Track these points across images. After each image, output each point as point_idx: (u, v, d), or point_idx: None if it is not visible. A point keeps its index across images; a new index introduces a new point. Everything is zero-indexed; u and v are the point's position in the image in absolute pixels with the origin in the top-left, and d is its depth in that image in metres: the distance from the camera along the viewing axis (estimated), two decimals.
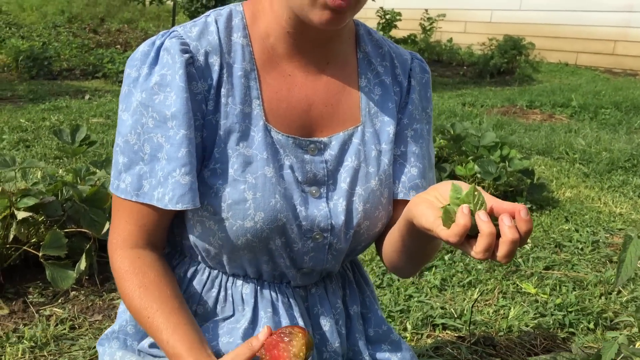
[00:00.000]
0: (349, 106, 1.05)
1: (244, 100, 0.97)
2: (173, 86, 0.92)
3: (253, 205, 0.94)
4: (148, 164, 0.94)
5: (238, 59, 0.98)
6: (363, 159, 1.03)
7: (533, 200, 3.52)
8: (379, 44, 1.11)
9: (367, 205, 1.03)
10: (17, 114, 5.20)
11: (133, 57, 0.96)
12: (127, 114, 0.95)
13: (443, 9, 11.25)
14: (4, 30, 9.76)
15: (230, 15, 1.01)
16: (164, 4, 7.72)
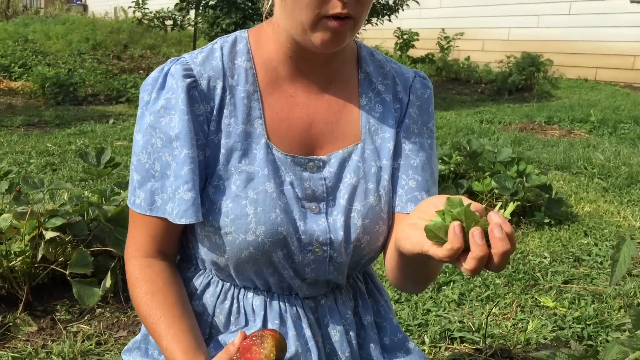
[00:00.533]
0: (349, 124, 1.10)
1: (246, 120, 1.03)
2: (176, 109, 0.99)
3: (254, 219, 0.99)
4: (159, 181, 1.01)
5: (241, 81, 1.04)
6: (362, 175, 1.07)
7: (551, 215, 3.52)
8: (381, 64, 1.16)
9: (366, 221, 1.06)
10: (44, 139, 5.34)
11: (146, 82, 1.04)
12: (139, 134, 1.03)
13: (460, 28, 11.31)
14: (31, 58, 10.02)
15: (235, 41, 1.08)
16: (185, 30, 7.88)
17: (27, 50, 10.97)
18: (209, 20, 7.07)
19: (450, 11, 11.93)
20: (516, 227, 3.46)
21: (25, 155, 4.74)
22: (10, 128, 5.91)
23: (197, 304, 1.11)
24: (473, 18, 11.55)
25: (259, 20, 6.65)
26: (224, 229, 1.00)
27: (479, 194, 3.61)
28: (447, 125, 6.23)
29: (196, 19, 7.44)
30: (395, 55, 11.18)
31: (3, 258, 2.26)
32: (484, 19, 11.40)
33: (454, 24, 11.59)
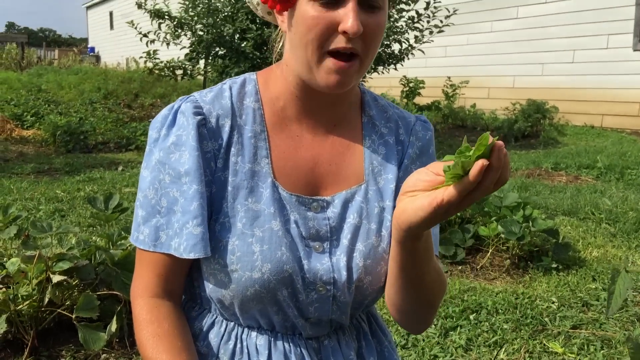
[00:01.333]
0: (353, 166, 1.12)
1: (253, 159, 1.05)
2: (187, 145, 1.01)
3: (260, 257, 1.00)
4: (165, 217, 1.02)
5: (249, 121, 1.07)
6: (365, 216, 1.08)
7: (559, 260, 3.51)
8: (384, 108, 1.19)
9: (368, 261, 1.06)
10: (54, 186, 5.40)
11: (155, 120, 1.07)
12: (147, 171, 1.04)
13: (466, 76, 11.48)
14: (44, 107, 10.22)
15: (244, 82, 1.11)
16: (194, 79, 8.03)
17: (40, 100, 11.19)
18: (218, 70, 7.21)
19: (456, 60, 12.13)
20: (524, 271, 3.45)
21: (35, 202, 4.79)
22: (20, 175, 5.99)
23: (201, 345, 1.11)
24: (478, 66, 11.73)
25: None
26: (230, 266, 1.01)
27: (486, 239, 3.60)
28: None
29: (205, 68, 7.59)
30: (401, 103, 11.32)
31: (10, 302, 2.27)
32: (489, 67, 11.58)
33: (460, 72, 11.77)
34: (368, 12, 0.96)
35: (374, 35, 0.98)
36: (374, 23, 0.97)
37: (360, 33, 0.94)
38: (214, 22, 6.85)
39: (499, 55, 11.41)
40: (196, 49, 7.18)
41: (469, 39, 11.88)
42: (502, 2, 11.27)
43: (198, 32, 7.03)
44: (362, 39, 0.96)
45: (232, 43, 6.94)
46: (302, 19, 0.97)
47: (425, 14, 7.30)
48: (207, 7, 6.99)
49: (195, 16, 7.02)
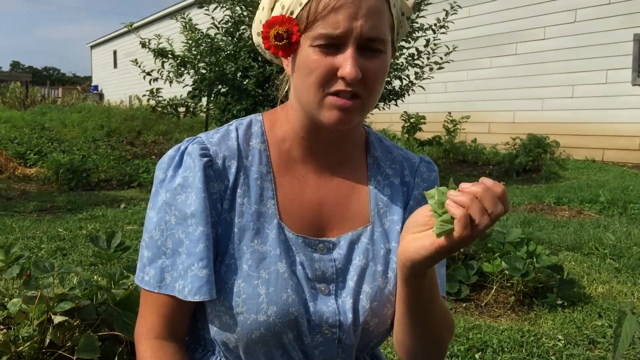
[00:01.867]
0: (358, 207, 1.12)
1: (259, 200, 1.05)
2: (193, 187, 1.01)
3: (266, 299, 1.00)
4: (170, 258, 1.02)
5: (255, 162, 1.07)
6: (371, 257, 1.08)
7: (564, 296, 3.48)
8: (389, 149, 1.20)
9: (375, 304, 1.06)
10: (56, 224, 5.40)
11: (162, 161, 1.07)
12: (153, 211, 1.05)
13: (466, 111, 11.56)
14: (47, 145, 10.28)
15: (250, 124, 1.12)
16: (197, 116, 8.09)
17: (43, 138, 11.26)
18: (220, 107, 7.27)
19: (456, 95, 12.24)
20: (529, 308, 3.41)
21: (37, 241, 4.78)
22: (23, 214, 5.99)
23: None
24: (478, 102, 11.83)
25: (268, 106, 6.83)
26: (236, 308, 1.00)
27: (490, 275, 3.58)
28: None
29: (208, 106, 7.65)
30: (402, 138, 11.37)
31: (11, 343, 2.24)
32: (489, 103, 11.67)
33: (460, 107, 11.86)
34: (368, 57, 0.97)
35: (374, 78, 0.99)
36: (374, 67, 0.98)
37: (358, 79, 0.95)
38: (217, 61, 6.94)
39: (499, 90, 11.52)
40: (199, 86, 7.26)
41: (469, 75, 12.00)
42: (500, 39, 11.42)
43: (201, 70, 7.12)
44: (362, 82, 0.97)
45: (234, 81, 7.01)
46: (304, 63, 0.98)
47: (425, 51, 7.39)
48: (209, 46, 7.09)
49: (198, 55, 7.12)
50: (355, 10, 0.94)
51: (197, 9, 7.74)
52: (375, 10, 0.96)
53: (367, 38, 0.96)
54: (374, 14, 0.96)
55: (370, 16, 0.95)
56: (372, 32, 0.96)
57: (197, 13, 7.79)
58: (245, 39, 7.21)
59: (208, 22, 7.33)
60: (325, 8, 0.94)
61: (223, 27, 7.32)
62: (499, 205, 0.84)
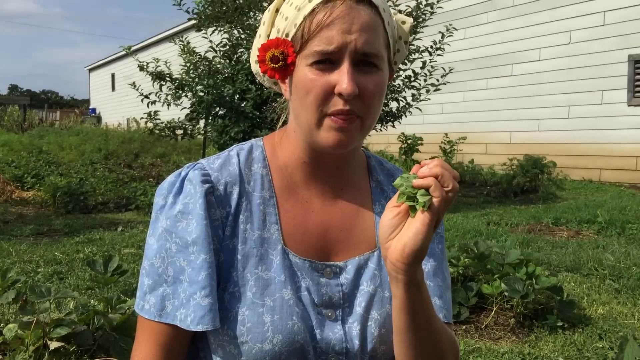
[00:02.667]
0: (364, 231, 1.11)
1: (263, 226, 1.04)
2: (194, 214, 1.00)
3: (271, 327, 0.98)
4: (171, 286, 1.00)
5: (257, 187, 1.06)
6: (379, 283, 1.07)
7: (564, 318, 3.45)
8: (391, 172, 1.19)
9: (383, 330, 1.04)
10: (53, 248, 5.37)
11: (162, 187, 1.06)
12: (153, 238, 1.03)
13: (463, 132, 11.60)
14: (44, 169, 10.27)
15: (252, 149, 1.11)
16: (194, 139, 8.11)
17: (41, 161, 11.25)
18: (218, 129, 7.28)
19: (453, 116, 12.29)
20: (529, 330, 3.39)
21: (33, 264, 4.75)
22: (19, 237, 5.96)
23: None
24: (475, 123, 11.88)
25: (266, 128, 6.85)
26: (240, 338, 0.98)
27: (489, 297, 3.56)
28: (454, 228, 6.23)
29: (205, 128, 7.66)
30: (400, 160, 11.39)
31: None
32: (485, 124, 11.72)
33: (457, 128, 11.90)
34: (364, 73, 0.97)
35: (371, 95, 0.98)
36: (371, 83, 0.97)
37: (355, 94, 0.95)
38: (215, 83, 6.96)
39: (495, 111, 11.57)
40: (196, 109, 7.28)
41: (465, 96, 12.07)
42: (496, 60, 11.50)
43: (199, 92, 7.14)
44: (360, 99, 0.97)
45: (232, 103, 7.03)
46: (301, 83, 0.98)
47: (421, 73, 7.43)
48: (207, 69, 7.12)
49: (196, 77, 7.14)
50: (348, 25, 0.95)
51: (195, 32, 7.79)
52: (368, 26, 0.96)
53: (362, 53, 0.96)
54: (368, 29, 0.96)
55: (364, 31, 0.95)
56: (367, 46, 0.96)
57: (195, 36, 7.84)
58: (242, 61, 7.25)
59: (206, 45, 7.38)
60: (318, 25, 0.95)
61: (221, 50, 7.36)
62: (454, 173, 0.93)
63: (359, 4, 0.96)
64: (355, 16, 0.95)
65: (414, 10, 7.22)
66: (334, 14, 0.94)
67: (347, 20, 0.95)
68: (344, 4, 0.95)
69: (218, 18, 7.33)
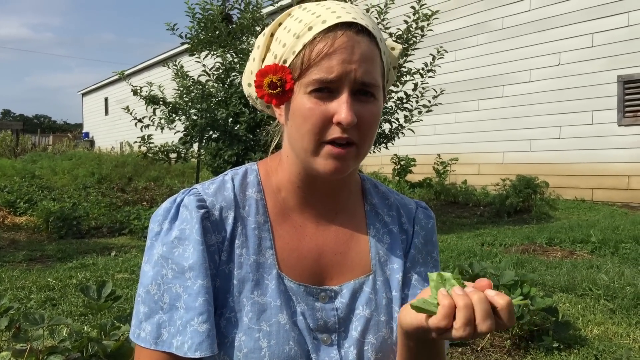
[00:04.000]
0: (358, 255, 1.11)
1: (258, 251, 1.04)
2: (191, 239, 1.00)
3: (268, 353, 0.98)
4: (167, 313, 0.99)
5: (252, 212, 1.07)
6: (374, 307, 1.07)
7: (560, 339, 3.45)
8: (385, 195, 1.20)
9: (380, 355, 1.05)
10: (45, 274, 5.33)
11: (157, 213, 1.06)
12: (148, 265, 1.03)
13: (456, 153, 11.66)
14: (37, 194, 10.22)
15: (246, 173, 1.12)
16: (188, 162, 8.12)
17: (34, 186, 11.21)
18: (211, 152, 7.30)
19: (445, 137, 12.36)
20: (525, 352, 3.38)
21: (26, 291, 4.72)
22: (12, 263, 5.92)
23: None
24: (467, 144, 11.94)
25: (259, 151, 6.87)
26: None
27: None
28: (449, 249, 6.24)
29: (199, 151, 7.68)
30: (393, 181, 11.42)
31: None
32: (478, 144, 11.78)
33: (450, 149, 11.96)
34: (362, 102, 0.98)
35: (368, 124, 1.00)
36: (368, 113, 0.99)
37: (354, 123, 0.96)
38: (208, 107, 7.00)
39: (487, 132, 11.65)
40: (190, 132, 7.30)
41: (457, 117, 12.15)
42: (487, 82, 11.61)
43: (192, 116, 7.17)
44: (357, 128, 0.98)
45: (226, 126, 7.06)
46: (299, 111, 0.99)
47: (413, 94, 7.50)
48: (201, 93, 7.16)
49: (189, 101, 7.18)
50: (348, 55, 0.96)
51: (188, 56, 7.84)
52: (367, 56, 0.98)
53: (361, 83, 0.97)
54: (367, 59, 0.98)
55: (364, 61, 0.97)
56: (366, 77, 0.97)
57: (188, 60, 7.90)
58: (236, 85, 7.29)
59: (199, 69, 7.43)
60: (319, 54, 0.96)
61: (214, 73, 7.41)
62: (487, 322, 0.84)
63: (358, 35, 0.98)
64: (356, 46, 0.97)
65: (404, 33, 7.30)
66: (335, 44, 0.96)
67: (348, 51, 0.96)
68: (345, 35, 0.97)
69: (211, 42, 7.39)
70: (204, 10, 7.25)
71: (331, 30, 0.97)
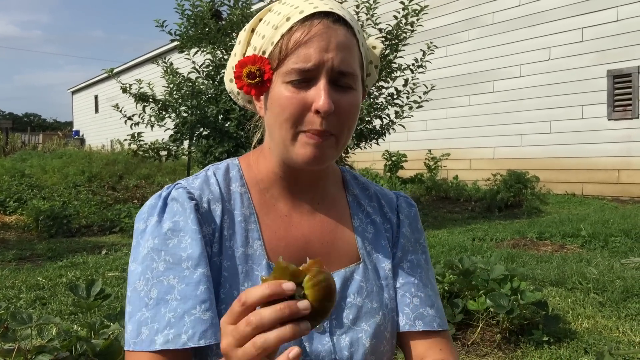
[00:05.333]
0: (345, 244, 1.13)
1: (245, 243, 1.05)
2: (187, 230, 1.00)
3: None
4: (152, 309, 0.96)
5: (237, 205, 1.08)
6: (366, 295, 1.09)
7: (550, 332, 3.46)
8: (365, 186, 1.22)
9: (374, 341, 1.06)
10: (35, 273, 5.31)
11: (141, 212, 1.05)
12: (135, 264, 1.01)
13: (447, 148, 11.68)
14: (27, 192, 10.17)
15: (228, 168, 1.13)
16: (179, 159, 8.09)
17: (23, 185, 11.14)
18: (202, 150, 7.27)
19: (436, 133, 12.38)
20: (515, 346, 3.40)
21: (15, 290, 4.69)
22: (1, 263, 5.89)
23: None
24: (458, 139, 11.97)
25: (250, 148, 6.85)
26: None
27: (475, 313, 3.56)
28: (440, 244, 6.25)
29: (190, 149, 7.66)
30: (385, 177, 11.43)
31: None
32: (469, 140, 11.81)
33: (441, 144, 11.99)
34: (340, 91, 0.99)
35: (347, 113, 1.00)
36: (346, 101, 0.99)
37: (332, 111, 0.96)
38: (198, 104, 6.97)
39: (478, 127, 11.68)
40: (180, 130, 7.27)
41: (448, 113, 12.17)
42: (478, 77, 11.63)
43: (182, 113, 7.14)
44: (335, 117, 0.98)
45: (216, 123, 7.04)
46: (277, 100, 0.99)
47: (404, 90, 7.50)
48: (191, 90, 7.13)
49: (179, 98, 7.15)
50: (326, 43, 0.96)
51: (177, 53, 7.81)
52: (344, 45, 0.98)
53: (339, 71, 0.97)
54: (344, 48, 0.98)
55: (341, 50, 0.97)
56: (343, 65, 0.98)
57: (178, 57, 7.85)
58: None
59: (189, 66, 7.40)
60: (296, 43, 0.97)
61: (204, 70, 7.38)
62: None
63: (335, 24, 0.98)
64: (332, 35, 0.97)
65: (394, 29, 7.30)
66: (312, 32, 0.96)
67: (325, 39, 0.96)
68: (321, 23, 0.97)
69: (201, 39, 7.36)
70: (194, 7, 7.22)
71: (308, 19, 0.97)
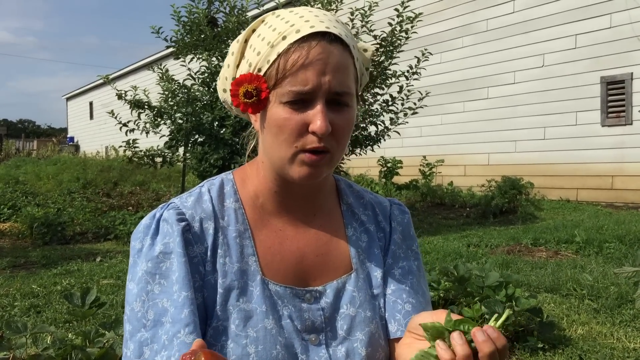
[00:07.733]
0: (339, 255, 1.14)
1: (240, 259, 1.06)
2: (174, 253, 1.01)
3: (256, 358, 0.99)
4: (151, 330, 0.99)
5: (232, 221, 1.08)
6: (359, 304, 1.10)
7: (544, 339, 3.47)
8: (360, 194, 1.23)
9: (369, 349, 1.07)
10: (30, 280, 5.29)
11: (137, 230, 1.07)
12: (133, 283, 1.03)
13: (442, 154, 11.70)
14: (21, 199, 10.14)
15: (222, 184, 1.13)
16: (174, 166, 8.08)
17: (18, 192, 11.11)
18: (197, 156, 7.27)
19: (431, 139, 12.41)
20: (510, 353, 3.40)
21: (10, 298, 4.67)
22: None
23: None
24: (453, 145, 11.99)
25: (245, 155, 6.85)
26: None
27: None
28: (435, 250, 6.26)
29: (185, 155, 7.66)
30: (380, 183, 11.44)
31: None
32: (463, 146, 11.84)
33: (435, 151, 12.01)
34: (336, 111, 1.00)
35: (343, 132, 1.02)
36: (343, 121, 1.01)
37: (328, 132, 0.98)
38: (193, 111, 6.97)
39: (473, 133, 11.70)
40: (175, 136, 7.27)
41: (443, 119, 12.19)
42: (472, 84, 11.67)
43: (177, 120, 7.14)
44: (332, 136, 1.00)
45: (211, 130, 7.04)
46: (275, 121, 1.01)
47: (399, 97, 7.52)
48: (186, 96, 7.14)
49: (174, 105, 7.15)
50: (323, 66, 0.97)
51: (173, 60, 7.81)
52: (341, 66, 0.99)
53: (335, 93, 0.99)
54: (341, 69, 0.99)
55: (337, 71, 0.98)
56: (340, 87, 0.99)
57: (174, 64, 7.86)
58: None
59: (184, 73, 7.40)
60: (293, 65, 0.97)
61: (199, 77, 7.38)
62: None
63: (332, 44, 0.99)
64: (330, 57, 0.98)
65: (389, 36, 7.32)
66: (310, 56, 0.97)
67: (322, 62, 0.97)
68: (319, 45, 0.98)
69: (196, 46, 7.37)
70: (190, 14, 7.23)
71: (305, 41, 0.98)
